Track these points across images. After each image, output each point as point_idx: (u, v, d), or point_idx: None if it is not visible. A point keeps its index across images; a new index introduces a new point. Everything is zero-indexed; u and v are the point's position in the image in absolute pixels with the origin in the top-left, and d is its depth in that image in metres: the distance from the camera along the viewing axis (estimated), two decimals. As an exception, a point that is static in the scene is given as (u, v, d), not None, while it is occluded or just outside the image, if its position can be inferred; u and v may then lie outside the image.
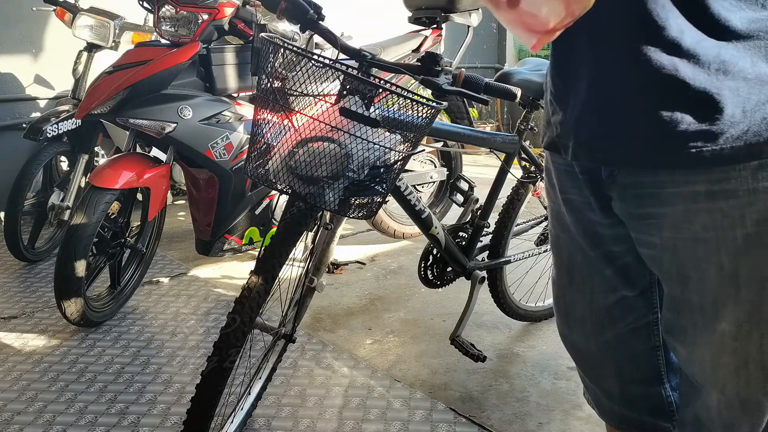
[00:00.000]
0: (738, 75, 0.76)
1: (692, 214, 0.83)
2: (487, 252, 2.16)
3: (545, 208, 2.30)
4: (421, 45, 3.05)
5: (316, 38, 2.41)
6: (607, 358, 1.07)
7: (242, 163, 2.24)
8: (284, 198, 1.76)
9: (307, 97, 1.28)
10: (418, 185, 2.97)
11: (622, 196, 0.91)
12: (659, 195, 0.85)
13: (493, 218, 2.10)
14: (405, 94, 1.27)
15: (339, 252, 3.09)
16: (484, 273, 2.03)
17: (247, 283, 1.44)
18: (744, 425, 0.89)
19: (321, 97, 1.28)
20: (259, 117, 1.34)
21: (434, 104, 1.29)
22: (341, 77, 1.28)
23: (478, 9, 3.03)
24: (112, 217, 2.35)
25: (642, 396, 1.08)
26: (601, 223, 0.97)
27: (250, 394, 1.75)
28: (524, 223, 2.28)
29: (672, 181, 0.83)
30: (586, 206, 0.98)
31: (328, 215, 1.66)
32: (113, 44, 3.00)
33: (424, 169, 2.99)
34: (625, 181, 0.89)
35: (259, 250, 1.50)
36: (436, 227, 1.89)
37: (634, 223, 0.91)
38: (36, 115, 3.63)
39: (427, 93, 1.53)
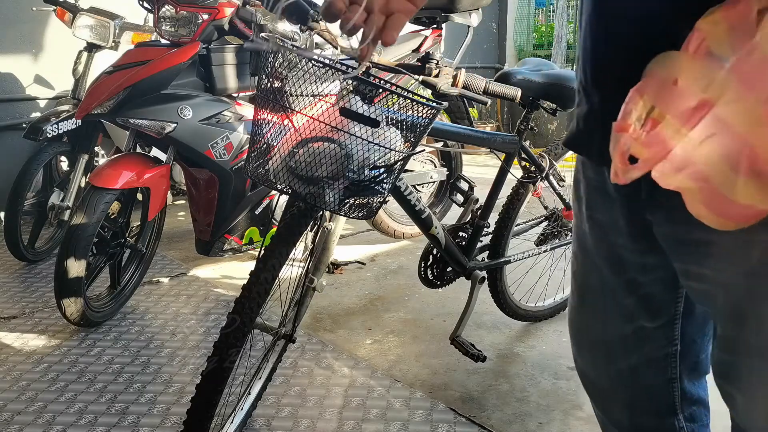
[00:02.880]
0: None
1: (749, 245, 0.71)
2: (487, 252, 2.16)
3: (545, 208, 2.30)
4: (421, 45, 3.05)
5: (316, 38, 2.41)
6: (617, 388, 0.99)
7: (242, 163, 2.23)
8: (284, 198, 1.76)
9: (307, 97, 1.28)
10: (418, 185, 2.97)
11: (668, 219, 0.79)
12: None
13: (493, 218, 2.10)
14: (405, 94, 1.27)
15: (339, 252, 3.09)
16: (484, 273, 2.03)
17: (247, 283, 1.44)
18: None
19: (321, 97, 1.28)
20: (259, 117, 1.34)
21: (434, 104, 1.29)
22: (341, 77, 1.28)
23: (478, 9, 3.03)
24: (112, 217, 2.35)
25: (653, 428, 1.00)
26: (628, 249, 0.88)
27: (250, 394, 1.75)
28: (524, 223, 2.28)
29: None
30: (612, 228, 0.88)
31: (328, 215, 1.66)
32: (113, 44, 3.00)
33: (424, 169, 2.99)
34: (673, 203, 0.74)
35: (259, 250, 1.50)
36: (436, 227, 1.89)
37: (682, 251, 0.79)
38: (36, 115, 3.63)
39: (428, 93, 1.53)
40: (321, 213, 1.61)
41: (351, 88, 1.28)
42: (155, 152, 2.61)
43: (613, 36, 0.78)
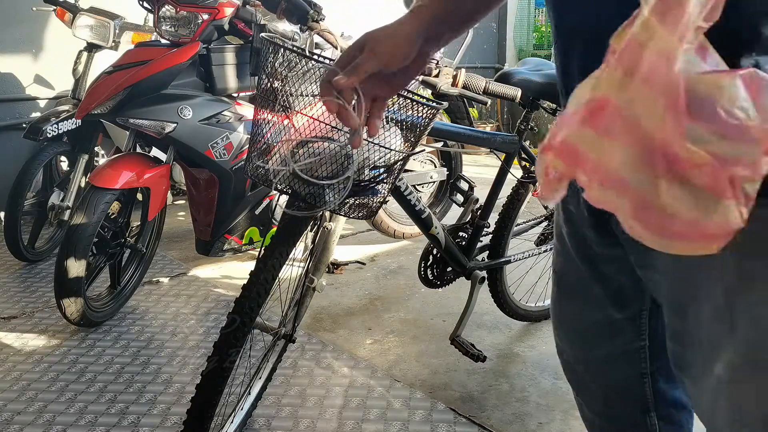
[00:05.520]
0: None
1: None
2: (487, 252, 2.16)
3: (545, 208, 2.30)
4: (421, 45, 3.04)
5: (316, 38, 2.42)
6: (593, 375, 1.04)
7: (242, 163, 2.23)
8: (284, 198, 1.76)
9: (307, 97, 1.28)
10: (418, 185, 2.97)
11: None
12: None
13: (493, 218, 2.10)
14: (405, 94, 1.27)
15: (339, 252, 3.09)
16: (484, 273, 2.03)
17: (247, 283, 1.44)
18: None
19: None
20: (259, 117, 1.34)
21: (434, 104, 1.29)
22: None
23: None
24: (112, 217, 2.35)
25: (626, 420, 1.04)
26: (595, 241, 0.91)
27: (250, 394, 1.75)
28: (524, 223, 2.28)
29: None
30: (582, 221, 0.91)
31: (328, 215, 1.66)
32: (113, 44, 3.00)
33: (424, 169, 2.99)
34: None
35: (259, 250, 1.50)
36: (436, 227, 1.89)
37: (634, 244, 0.77)
38: (36, 115, 3.63)
39: (428, 93, 1.53)
40: (321, 213, 1.61)
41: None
42: (155, 152, 2.62)
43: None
